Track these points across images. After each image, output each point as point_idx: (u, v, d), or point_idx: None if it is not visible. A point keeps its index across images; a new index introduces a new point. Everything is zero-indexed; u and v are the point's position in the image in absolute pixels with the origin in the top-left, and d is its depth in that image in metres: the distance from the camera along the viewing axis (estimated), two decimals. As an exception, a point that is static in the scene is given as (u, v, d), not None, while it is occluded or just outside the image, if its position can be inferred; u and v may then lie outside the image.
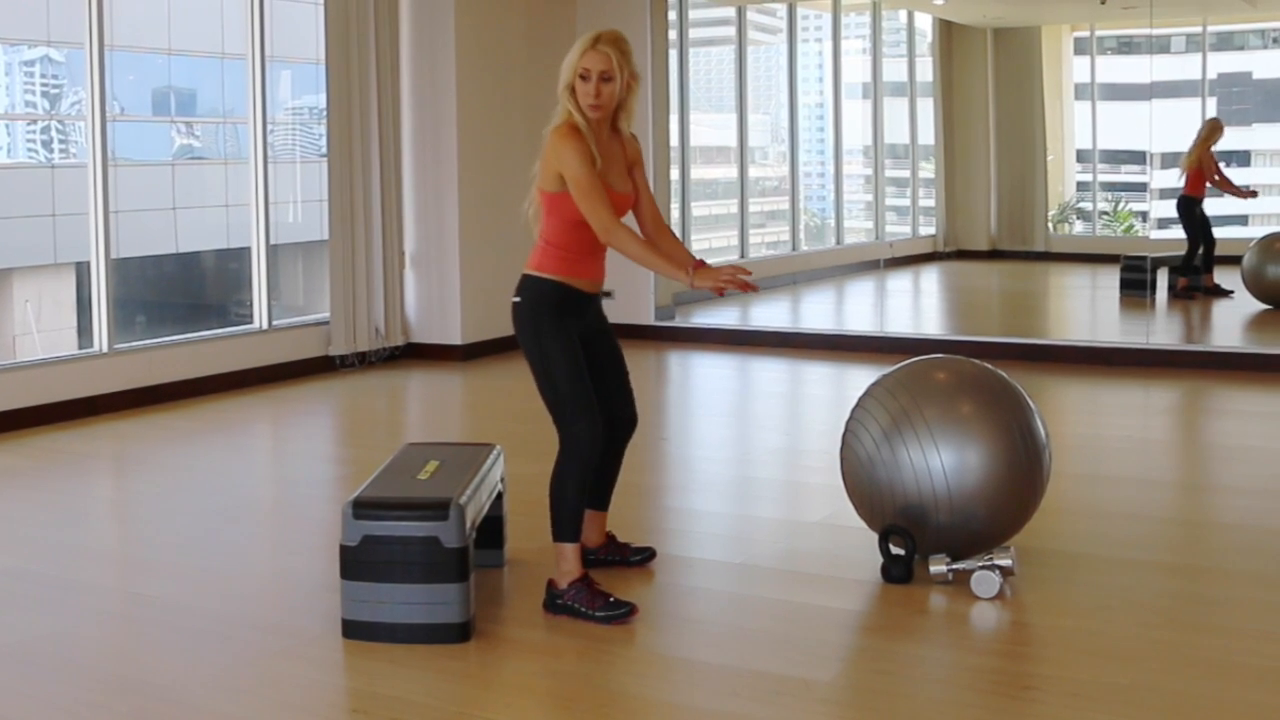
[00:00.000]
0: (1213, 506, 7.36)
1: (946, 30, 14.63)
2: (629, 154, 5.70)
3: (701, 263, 5.45)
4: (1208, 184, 12.73)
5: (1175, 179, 13.01)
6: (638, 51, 12.64)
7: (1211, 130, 12.81)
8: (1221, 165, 12.78)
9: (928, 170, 14.72)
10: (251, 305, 11.14)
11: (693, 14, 14.08)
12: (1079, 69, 14.15)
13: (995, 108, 14.29)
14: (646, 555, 6.11)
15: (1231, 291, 12.89)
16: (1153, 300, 12.34)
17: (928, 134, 14.64)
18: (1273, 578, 5.94)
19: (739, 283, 5.30)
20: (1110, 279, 13.32)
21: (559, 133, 5.48)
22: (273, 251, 11.19)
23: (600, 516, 5.93)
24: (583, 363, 5.54)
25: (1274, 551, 6.33)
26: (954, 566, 5.68)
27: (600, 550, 5.95)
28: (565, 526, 5.44)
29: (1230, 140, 12.99)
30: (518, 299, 5.57)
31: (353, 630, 5.20)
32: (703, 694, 4.79)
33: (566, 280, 5.52)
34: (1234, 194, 12.91)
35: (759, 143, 15.33)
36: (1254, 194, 12.98)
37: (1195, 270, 12.97)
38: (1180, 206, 12.75)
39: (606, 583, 5.59)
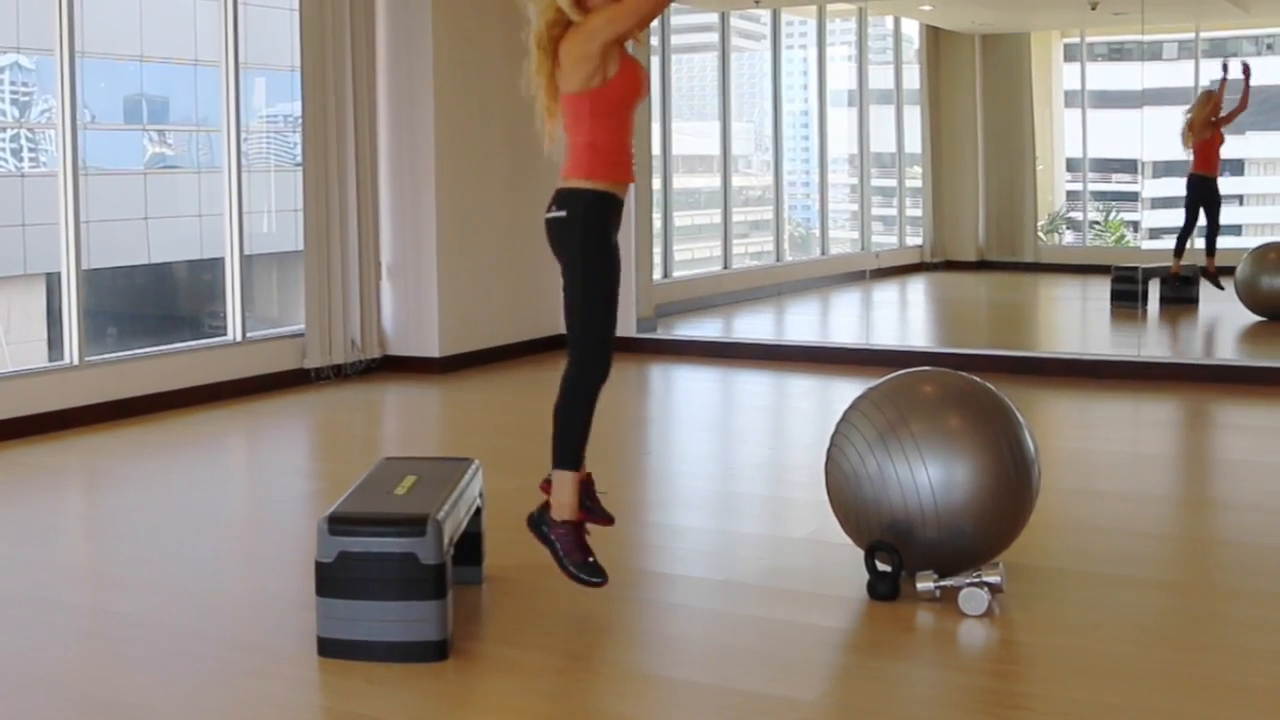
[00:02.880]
0: (1206, 522, 7.32)
1: (934, 36, 14.63)
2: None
3: None
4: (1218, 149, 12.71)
5: (1169, 188, 13.00)
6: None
7: (1205, 102, 12.71)
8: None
9: (914, 179, 14.71)
10: (225, 317, 11.05)
11: (675, 20, 14.06)
12: (1069, 76, 14.17)
13: (983, 116, 14.29)
14: (604, 517, 5.75)
15: (1223, 286, 12.81)
16: (1144, 312, 12.30)
17: (915, 142, 14.65)
18: (1267, 595, 5.89)
19: None
20: (1101, 290, 13.29)
21: (572, 27, 5.44)
22: (247, 262, 11.10)
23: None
24: (616, 293, 5.52)
25: (1268, 568, 6.29)
26: (942, 583, 5.61)
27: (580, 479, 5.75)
28: (569, 452, 5.40)
29: (1224, 148, 12.95)
30: (561, 213, 5.47)
31: (328, 648, 5.13)
32: (685, 713, 4.75)
33: (611, 189, 5.46)
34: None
35: (742, 151, 15.31)
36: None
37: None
38: (1190, 185, 12.65)
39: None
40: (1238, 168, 13.32)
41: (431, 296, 11.75)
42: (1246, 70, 12.73)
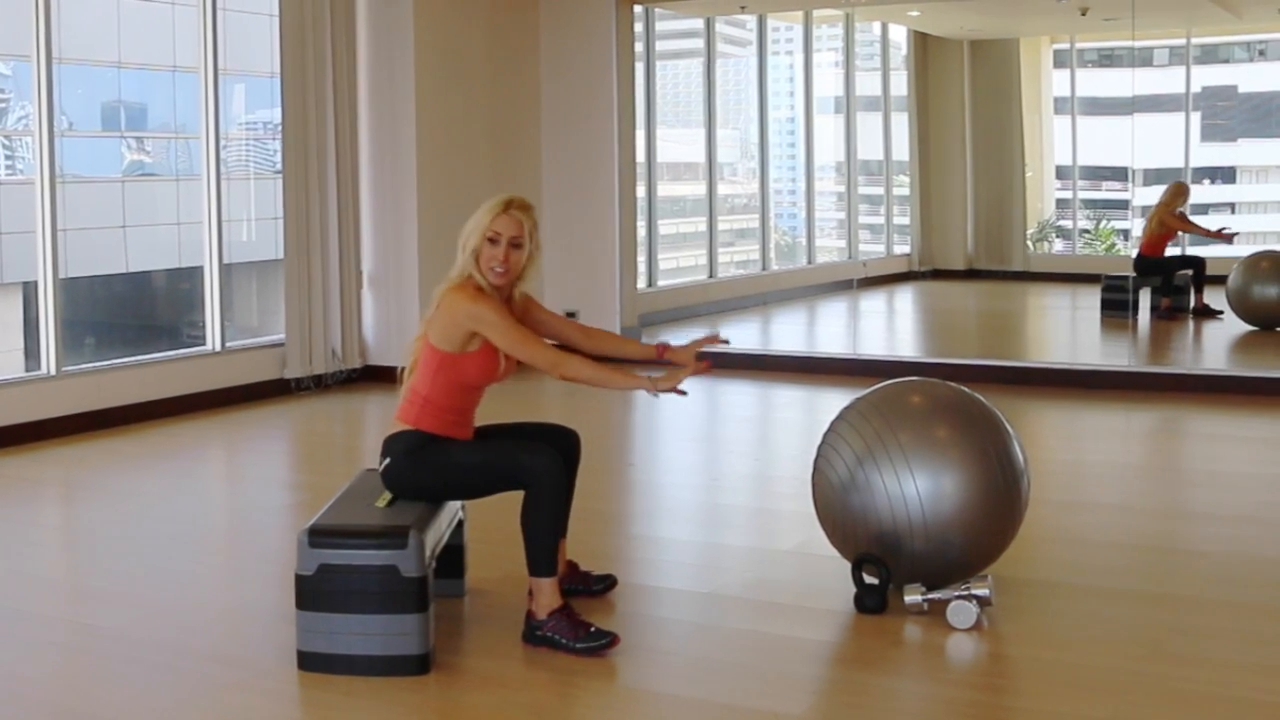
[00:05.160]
0: (1196, 534, 7.27)
1: (922, 42, 14.63)
2: (516, 311, 5.57)
3: (666, 346, 5.62)
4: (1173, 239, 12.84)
5: (1160, 196, 13.02)
6: (604, 65, 12.70)
7: (1175, 195, 12.86)
8: (1191, 214, 12.88)
9: (902, 187, 14.70)
10: (204, 326, 11.00)
11: (660, 25, 14.04)
12: (1059, 82, 14.18)
13: (972, 122, 14.29)
14: (608, 583, 6.02)
15: (1221, 312, 12.84)
16: (1134, 321, 12.29)
17: (902, 150, 14.65)
18: (1258, 608, 5.86)
19: (704, 365, 5.53)
20: (1091, 299, 13.30)
21: (467, 293, 5.36)
22: (226, 271, 11.05)
23: (560, 544, 5.79)
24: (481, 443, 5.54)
25: (1259, 580, 6.26)
26: (929, 596, 5.59)
27: (561, 579, 5.80)
28: (543, 561, 5.33)
29: (1215, 156, 12.95)
30: (387, 461, 5.47)
31: (308, 662, 5.11)
32: (669, 729, 4.71)
33: (445, 438, 5.46)
34: (1211, 238, 12.89)
35: (728, 159, 15.29)
36: (1231, 237, 12.93)
37: (1178, 291, 12.93)
38: (1136, 266, 12.71)
39: (571, 613, 5.46)
40: (1229, 175, 13.32)
41: (413, 306, 11.69)
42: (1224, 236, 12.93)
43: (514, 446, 5.39)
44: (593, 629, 5.28)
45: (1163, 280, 12.91)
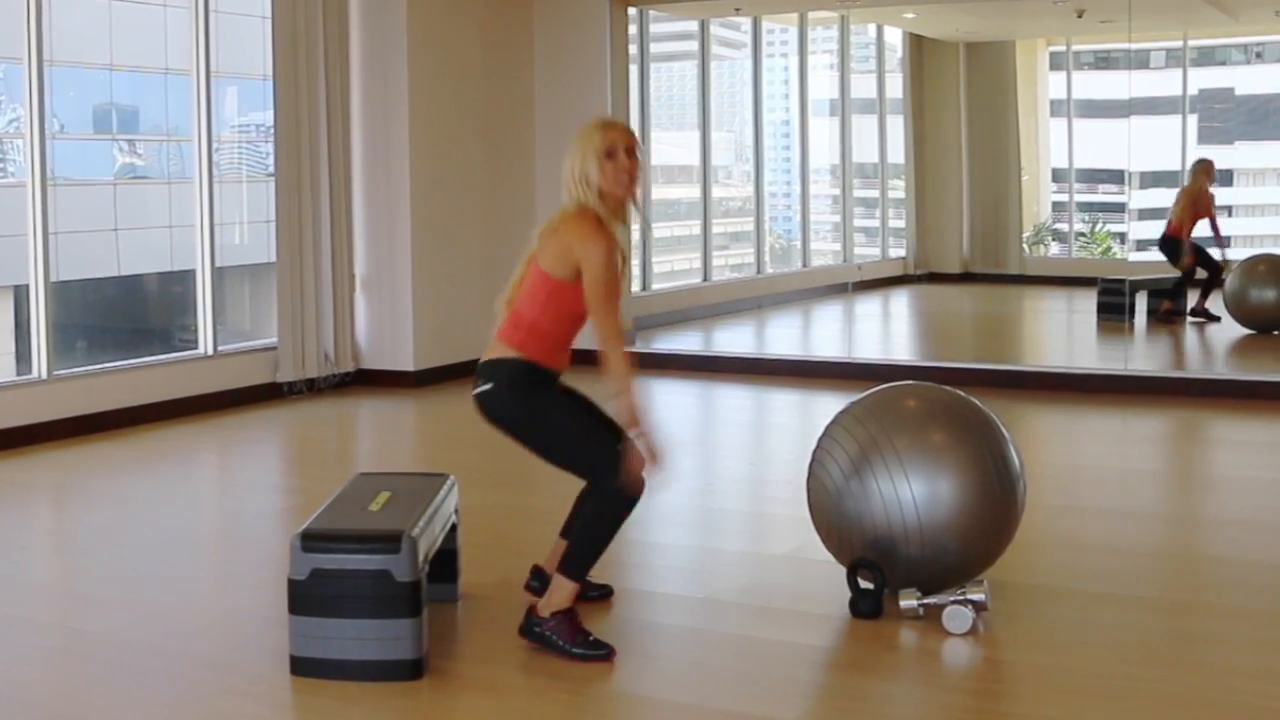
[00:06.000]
0: (1194, 539, 7.28)
1: (917, 45, 14.63)
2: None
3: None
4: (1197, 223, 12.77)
5: (1156, 198, 12.99)
6: (598, 67, 12.68)
7: (1201, 172, 12.79)
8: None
9: (898, 190, 14.70)
10: (196, 330, 10.98)
11: (654, 27, 14.00)
12: (1055, 85, 14.17)
13: (968, 125, 14.28)
14: (604, 592, 5.98)
15: (1218, 317, 12.82)
16: (1131, 325, 12.27)
17: (898, 152, 14.64)
18: (1256, 612, 5.84)
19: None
20: (1087, 303, 13.30)
21: (587, 221, 5.24)
22: (218, 274, 11.03)
23: (564, 545, 5.75)
24: (589, 413, 5.46)
25: (1257, 585, 6.24)
26: (925, 601, 5.56)
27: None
28: (580, 565, 5.33)
29: (1212, 158, 12.92)
30: (487, 386, 5.38)
31: (301, 667, 5.09)
32: (664, 735, 4.68)
33: (546, 366, 5.38)
34: (1215, 239, 12.88)
35: (722, 162, 15.29)
36: (1224, 263, 12.93)
37: (1178, 294, 12.90)
38: (1163, 247, 12.69)
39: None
40: (1227, 178, 13.30)
41: (406, 309, 11.67)
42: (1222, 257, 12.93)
43: (609, 453, 5.28)
44: (591, 637, 5.26)
45: (1200, 260, 12.85)
